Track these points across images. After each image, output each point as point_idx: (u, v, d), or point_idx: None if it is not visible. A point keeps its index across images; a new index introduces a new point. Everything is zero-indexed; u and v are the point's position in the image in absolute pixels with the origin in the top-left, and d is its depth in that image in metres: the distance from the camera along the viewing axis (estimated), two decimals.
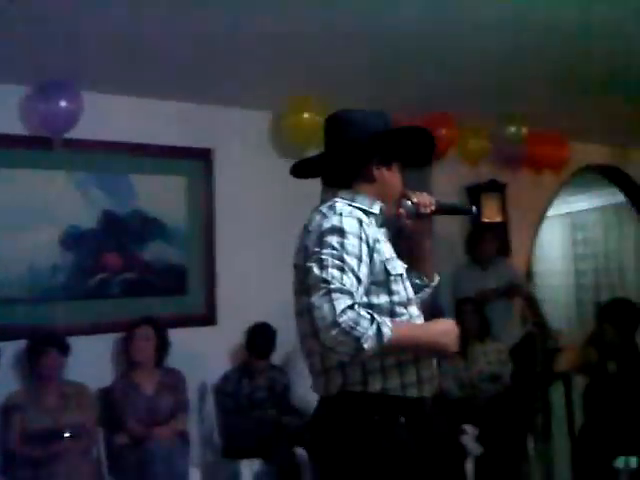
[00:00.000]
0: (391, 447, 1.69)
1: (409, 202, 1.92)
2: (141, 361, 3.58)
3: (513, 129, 4.69)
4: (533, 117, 4.53)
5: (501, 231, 5.04)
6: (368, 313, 1.59)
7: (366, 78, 3.72)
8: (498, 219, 5.05)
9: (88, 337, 3.58)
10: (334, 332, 1.54)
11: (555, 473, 4.40)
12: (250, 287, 4.06)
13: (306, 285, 1.64)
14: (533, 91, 4.05)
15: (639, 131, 4.99)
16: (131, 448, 3.32)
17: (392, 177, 1.88)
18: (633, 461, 3.51)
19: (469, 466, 3.61)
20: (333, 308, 1.55)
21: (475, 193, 4.98)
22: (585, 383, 3.79)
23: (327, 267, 1.61)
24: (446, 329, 1.74)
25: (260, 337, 3.82)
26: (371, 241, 1.72)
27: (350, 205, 1.79)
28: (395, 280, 1.76)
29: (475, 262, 4.73)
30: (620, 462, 3.42)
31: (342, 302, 1.56)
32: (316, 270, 1.62)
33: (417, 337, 1.73)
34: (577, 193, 6.69)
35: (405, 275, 1.83)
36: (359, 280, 1.64)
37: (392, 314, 1.72)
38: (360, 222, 1.72)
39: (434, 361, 1.83)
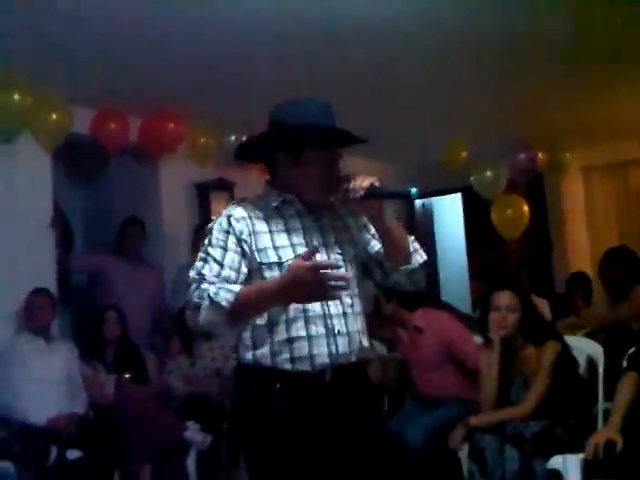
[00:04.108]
0: (265, 409, 1.88)
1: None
2: None
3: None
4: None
5: None
6: (210, 284, 1.80)
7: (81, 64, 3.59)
8: None
9: None
10: (188, 311, 1.83)
11: None
12: None
13: None
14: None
15: None
16: None
17: (302, 167, 1.92)
18: None
19: (191, 459, 3.67)
20: (188, 293, 1.83)
21: (204, 191, 5.06)
22: None
23: (195, 261, 1.91)
24: (290, 282, 1.72)
25: None
26: (240, 234, 1.89)
27: (260, 199, 1.98)
28: (268, 267, 1.88)
29: None
30: None
31: (195, 285, 1.83)
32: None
33: (263, 293, 1.80)
34: None
35: (287, 263, 1.83)
36: (221, 265, 1.87)
37: None
38: (228, 218, 1.91)
39: (337, 337, 1.89)
